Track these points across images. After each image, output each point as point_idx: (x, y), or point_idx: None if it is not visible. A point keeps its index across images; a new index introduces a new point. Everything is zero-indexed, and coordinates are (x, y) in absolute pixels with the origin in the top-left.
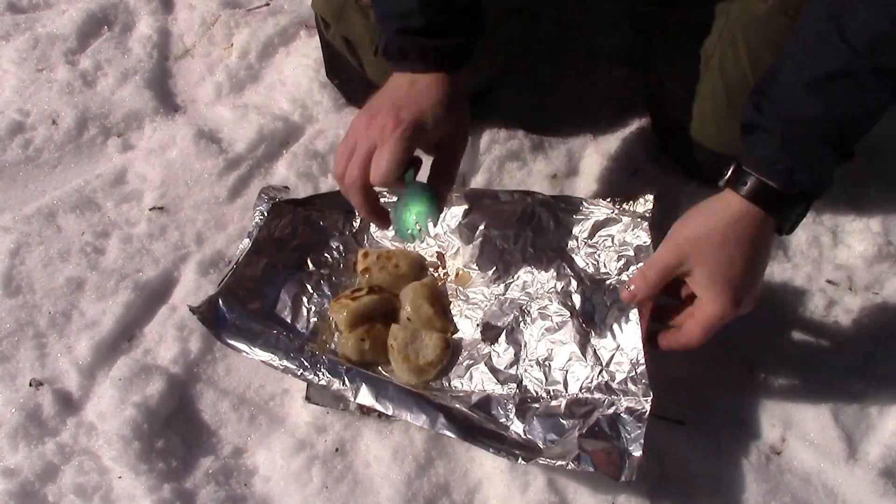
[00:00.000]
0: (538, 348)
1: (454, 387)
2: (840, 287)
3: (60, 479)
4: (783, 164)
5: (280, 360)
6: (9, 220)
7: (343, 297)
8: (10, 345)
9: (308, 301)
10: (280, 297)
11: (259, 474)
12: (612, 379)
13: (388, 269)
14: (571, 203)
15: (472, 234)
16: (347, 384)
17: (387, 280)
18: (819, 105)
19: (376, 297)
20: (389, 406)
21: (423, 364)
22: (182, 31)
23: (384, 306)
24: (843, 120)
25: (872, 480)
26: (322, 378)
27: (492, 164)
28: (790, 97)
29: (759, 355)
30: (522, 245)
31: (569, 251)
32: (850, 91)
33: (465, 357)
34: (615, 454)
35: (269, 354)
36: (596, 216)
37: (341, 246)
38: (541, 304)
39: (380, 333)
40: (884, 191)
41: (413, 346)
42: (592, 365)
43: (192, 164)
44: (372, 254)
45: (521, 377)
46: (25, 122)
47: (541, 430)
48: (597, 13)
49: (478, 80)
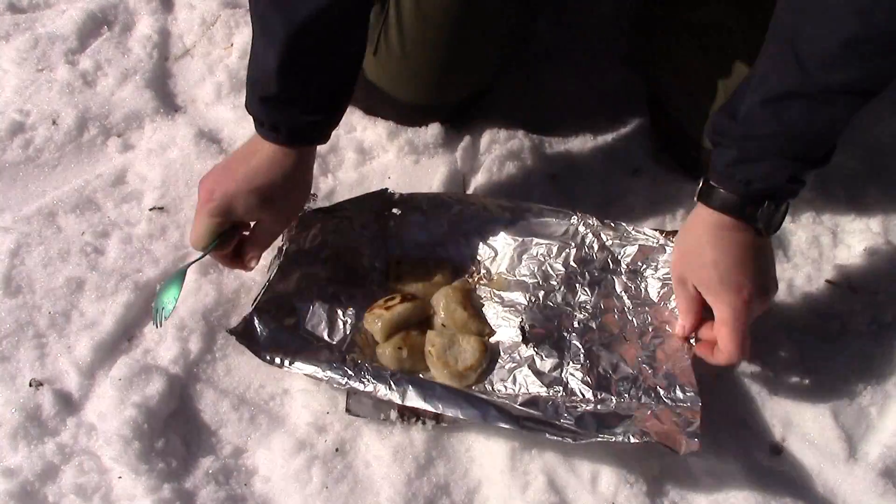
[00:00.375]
0: (581, 355)
1: (497, 390)
2: (840, 287)
3: (60, 479)
4: (740, 176)
5: (324, 371)
6: (9, 220)
7: (376, 307)
8: (10, 345)
9: (343, 314)
10: (315, 311)
11: (259, 474)
12: (660, 386)
13: (420, 277)
14: (618, 228)
15: (513, 243)
16: (394, 387)
17: (420, 288)
18: (772, 123)
19: (410, 305)
20: (439, 405)
21: (462, 369)
22: (182, 31)
23: (418, 313)
24: (798, 135)
25: (872, 480)
26: (368, 384)
27: (492, 164)
28: (748, 115)
29: (759, 355)
30: (565, 259)
31: (611, 272)
32: (803, 110)
33: (506, 360)
34: (673, 429)
35: (313, 367)
36: (641, 242)
37: (372, 253)
38: (584, 315)
39: (416, 341)
40: (884, 191)
41: (451, 351)
42: (638, 374)
43: (192, 164)
44: (404, 261)
45: (566, 381)
46: (25, 122)
47: (594, 423)
48: (597, 13)
49: (478, 80)
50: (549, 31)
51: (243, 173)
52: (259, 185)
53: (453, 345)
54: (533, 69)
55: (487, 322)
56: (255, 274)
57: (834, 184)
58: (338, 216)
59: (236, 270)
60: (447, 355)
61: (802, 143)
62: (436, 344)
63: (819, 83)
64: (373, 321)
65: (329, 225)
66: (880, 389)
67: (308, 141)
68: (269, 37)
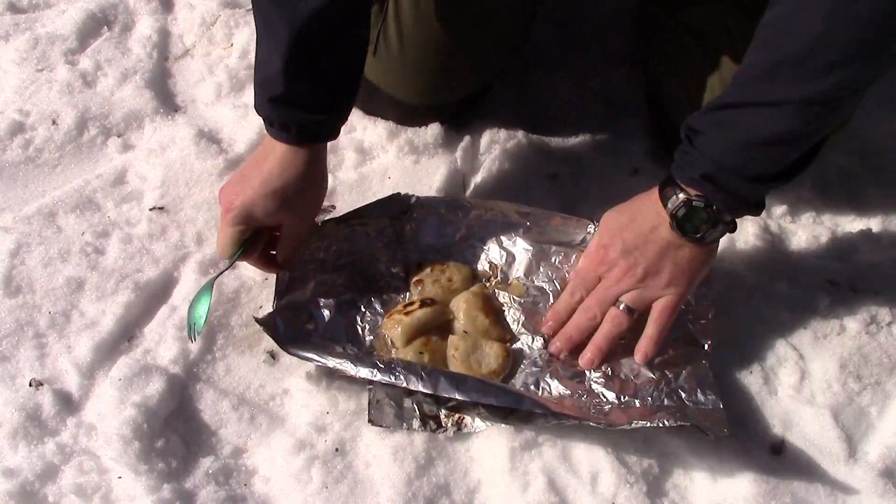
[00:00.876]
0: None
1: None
2: (840, 287)
3: (60, 479)
4: (678, 162)
5: (354, 364)
6: (9, 220)
7: (395, 312)
8: (10, 345)
9: (361, 320)
10: (333, 319)
11: (259, 474)
12: (682, 390)
13: (441, 283)
14: None
15: (531, 248)
16: (425, 377)
17: (438, 292)
18: (712, 128)
19: (429, 310)
20: (473, 394)
21: (486, 373)
22: (182, 31)
23: (438, 318)
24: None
25: (872, 480)
26: (399, 377)
27: (492, 164)
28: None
29: (758, 355)
30: None
31: None
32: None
33: (528, 364)
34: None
35: (340, 360)
36: None
37: (388, 259)
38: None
39: (437, 346)
40: (884, 191)
41: (475, 355)
42: (661, 378)
43: (192, 164)
44: (426, 265)
45: (590, 385)
46: (25, 122)
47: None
48: (597, 13)
49: (477, 80)
50: (548, 31)
51: (258, 178)
52: (275, 189)
53: (477, 349)
54: (533, 69)
55: (509, 328)
56: (255, 274)
57: (834, 184)
58: (352, 224)
59: (236, 271)
60: (471, 359)
61: (730, 150)
62: (459, 347)
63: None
64: (392, 326)
65: (343, 232)
66: (880, 389)
67: (318, 138)
68: (273, 37)
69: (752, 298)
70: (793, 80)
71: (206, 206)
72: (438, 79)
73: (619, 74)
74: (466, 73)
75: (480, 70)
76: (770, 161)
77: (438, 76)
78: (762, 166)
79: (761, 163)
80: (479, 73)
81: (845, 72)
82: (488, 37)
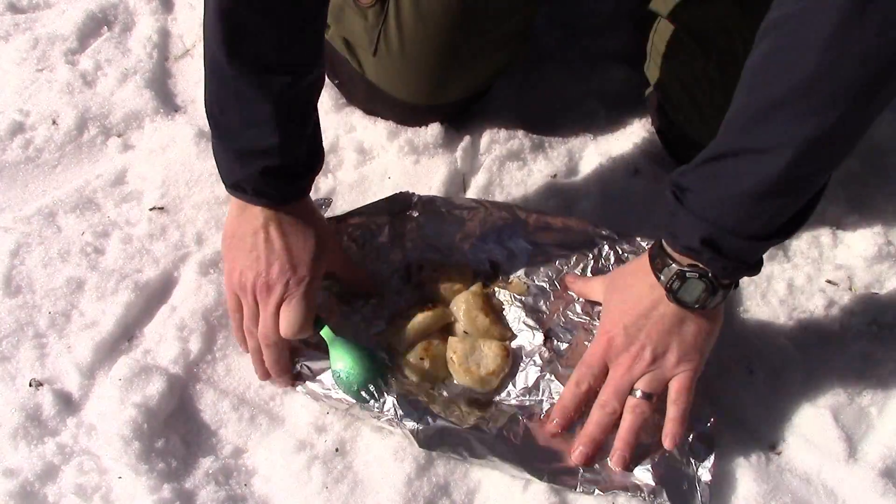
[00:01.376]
0: None
1: (520, 395)
2: (840, 287)
3: (60, 479)
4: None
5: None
6: (9, 220)
7: (396, 317)
8: (10, 345)
9: (361, 320)
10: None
11: (259, 474)
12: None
13: (440, 281)
14: (633, 242)
15: (532, 249)
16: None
17: (440, 292)
18: (703, 182)
19: (430, 314)
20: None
21: (485, 374)
22: (182, 31)
23: (439, 321)
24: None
25: (872, 480)
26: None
27: (492, 164)
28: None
29: (759, 355)
30: (582, 270)
31: None
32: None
33: (527, 363)
34: (686, 483)
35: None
36: None
37: (388, 259)
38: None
39: (438, 350)
40: (884, 191)
41: (473, 357)
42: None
43: (192, 164)
44: (426, 265)
45: None
46: (25, 122)
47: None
48: (597, 13)
49: (477, 80)
50: (548, 30)
51: (283, 252)
52: (314, 244)
53: (475, 351)
54: (533, 69)
55: (509, 327)
56: None
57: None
58: (352, 223)
59: None
60: (469, 361)
61: (729, 207)
62: (457, 350)
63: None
64: (394, 333)
65: (343, 233)
66: (880, 389)
67: (306, 193)
68: (256, 115)
69: (751, 299)
70: (792, 119)
71: (206, 206)
72: (439, 79)
73: (619, 74)
74: (467, 73)
75: (480, 70)
76: (772, 213)
77: (439, 76)
78: (763, 220)
79: (762, 217)
80: (479, 73)
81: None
82: (489, 36)
